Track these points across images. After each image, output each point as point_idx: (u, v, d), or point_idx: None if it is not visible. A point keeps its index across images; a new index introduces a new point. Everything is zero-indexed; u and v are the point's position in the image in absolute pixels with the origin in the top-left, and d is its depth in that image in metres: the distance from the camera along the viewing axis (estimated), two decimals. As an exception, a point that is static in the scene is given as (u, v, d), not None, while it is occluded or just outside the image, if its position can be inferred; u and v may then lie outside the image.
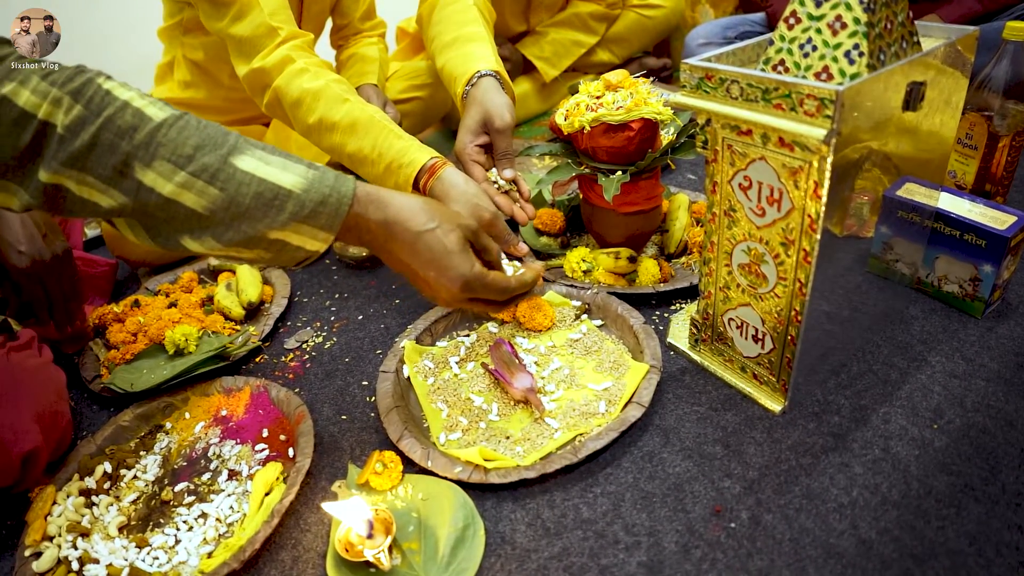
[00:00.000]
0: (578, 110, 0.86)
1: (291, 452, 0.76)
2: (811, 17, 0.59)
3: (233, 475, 0.75)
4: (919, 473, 0.64)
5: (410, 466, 0.70)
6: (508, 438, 0.71)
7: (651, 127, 0.84)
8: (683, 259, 0.98)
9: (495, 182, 0.92)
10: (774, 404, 0.71)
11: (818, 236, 0.58)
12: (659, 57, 1.84)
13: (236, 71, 1.04)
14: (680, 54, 1.80)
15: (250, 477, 0.74)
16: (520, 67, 1.64)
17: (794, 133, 0.53)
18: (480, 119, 0.92)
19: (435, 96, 1.43)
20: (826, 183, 0.55)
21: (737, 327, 0.72)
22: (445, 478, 0.67)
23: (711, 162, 0.64)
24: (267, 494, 0.71)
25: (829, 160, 0.54)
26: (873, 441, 0.68)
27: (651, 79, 0.88)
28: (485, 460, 0.67)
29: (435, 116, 1.51)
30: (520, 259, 0.91)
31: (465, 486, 0.67)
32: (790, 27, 0.61)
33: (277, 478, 0.72)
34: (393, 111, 1.13)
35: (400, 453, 0.71)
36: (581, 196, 0.97)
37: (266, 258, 0.62)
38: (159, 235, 0.61)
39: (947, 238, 0.82)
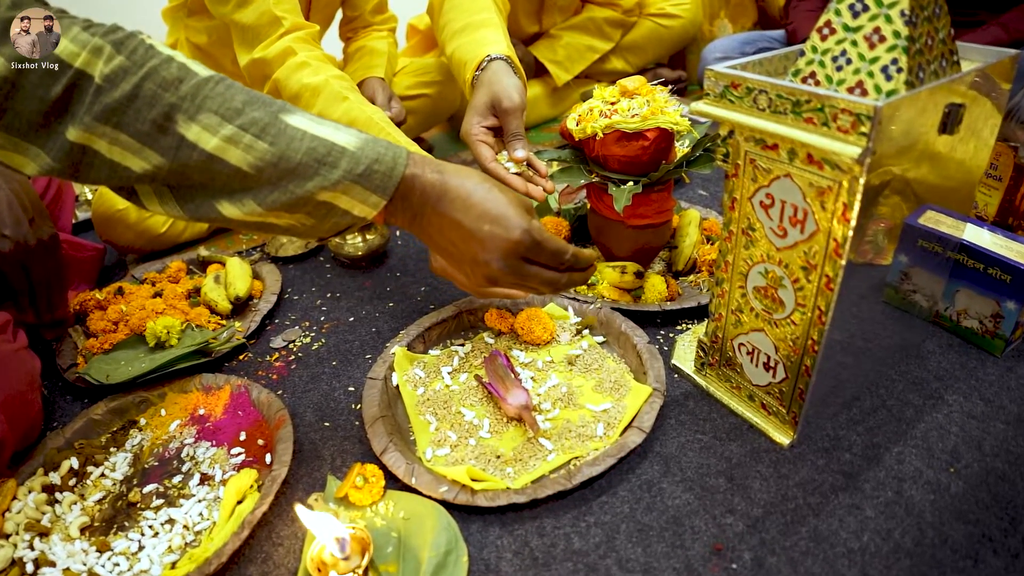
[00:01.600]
0: (591, 115, 0.82)
1: (268, 458, 0.72)
2: (847, 28, 0.55)
3: (205, 479, 0.71)
4: (934, 520, 0.60)
5: (393, 481, 0.66)
6: (498, 457, 0.67)
7: (667, 137, 0.80)
8: (691, 277, 0.94)
9: (507, 166, 0.86)
10: (782, 437, 0.67)
11: (843, 262, 0.54)
12: (674, 69, 1.81)
13: (238, 59, 1.01)
14: (696, 67, 1.76)
15: (223, 483, 0.70)
16: (532, 69, 1.61)
17: (825, 150, 0.50)
18: (488, 100, 0.87)
19: (443, 94, 1.39)
20: (856, 206, 0.51)
21: (748, 353, 0.68)
22: (429, 497, 0.63)
23: (731, 176, 0.60)
24: (240, 502, 0.67)
25: (862, 181, 0.50)
26: (886, 482, 0.64)
27: (669, 87, 0.84)
28: (473, 480, 0.63)
29: (442, 115, 1.48)
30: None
31: (450, 507, 0.62)
32: (823, 38, 0.57)
33: (251, 486, 0.68)
34: (398, 107, 1.09)
35: (383, 467, 0.67)
36: (589, 206, 0.93)
37: (307, 224, 0.59)
38: (191, 200, 0.57)
39: (970, 271, 0.78)
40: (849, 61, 0.56)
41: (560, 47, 1.59)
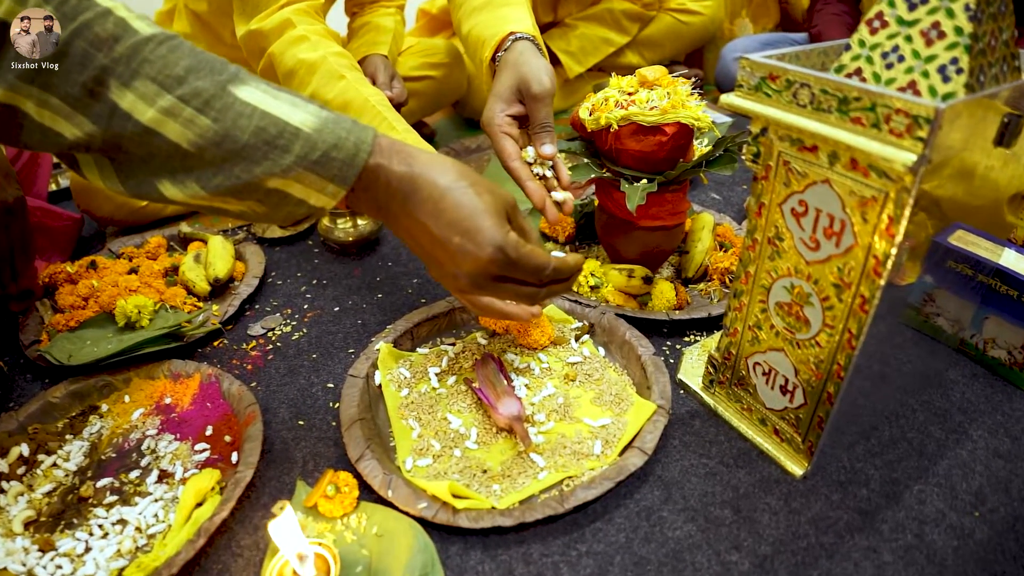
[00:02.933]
0: (606, 106, 0.76)
1: (235, 457, 0.66)
2: (901, 22, 0.50)
3: (164, 477, 0.65)
4: (957, 569, 0.55)
5: (367, 492, 0.60)
6: (485, 472, 0.61)
7: (686, 133, 0.74)
8: (701, 285, 0.88)
9: (530, 162, 0.78)
10: (795, 467, 0.62)
11: (882, 282, 0.48)
12: (690, 67, 1.75)
13: (236, 30, 0.94)
14: (713, 66, 1.70)
15: (183, 482, 0.64)
16: (555, 89, 1.54)
17: (874, 155, 0.44)
18: (514, 84, 0.78)
19: (450, 77, 1.33)
20: (904, 220, 0.45)
21: (763, 374, 0.62)
22: (406, 513, 0.57)
23: (760, 179, 0.54)
24: (199, 505, 0.61)
25: (914, 192, 0.44)
26: (906, 524, 0.58)
27: (692, 80, 0.78)
28: (455, 497, 0.57)
29: (447, 100, 1.41)
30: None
31: (428, 525, 0.57)
32: (873, 31, 0.51)
33: (213, 488, 0.62)
34: (400, 87, 1.02)
35: (358, 476, 0.61)
36: (597, 202, 0.88)
37: (259, 212, 0.52)
38: (131, 177, 0.51)
39: (1002, 298, 0.72)
40: (901, 58, 0.50)
41: (574, 37, 1.53)
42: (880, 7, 0.51)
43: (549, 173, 0.78)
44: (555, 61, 1.55)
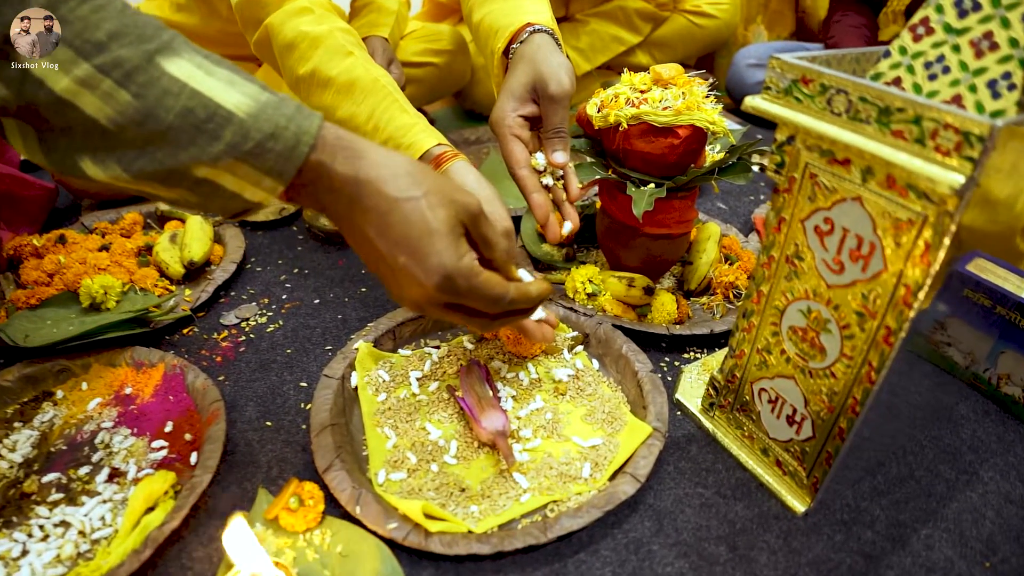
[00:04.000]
0: (616, 103, 0.71)
1: (194, 458, 0.61)
2: (949, 29, 0.45)
3: (116, 476, 0.60)
4: (967, 625, 0.51)
5: (334, 506, 0.56)
6: (463, 491, 0.56)
7: (700, 137, 0.69)
8: (704, 299, 0.83)
9: (539, 171, 0.73)
10: (797, 503, 0.57)
11: (911, 314, 0.44)
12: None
13: None
14: (725, 72, 1.65)
15: (135, 482, 0.59)
16: (575, 90, 1.48)
17: (917, 173, 0.39)
18: (529, 81, 0.71)
19: (453, 66, 1.28)
20: (944, 247, 0.41)
21: (770, 401, 0.58)
22: (374, 533, 0.52)
23: (782, 192, 0.50)
24: (151, 510, 0.56)
25: (957, 217, 0.39)
26: (912, 572, 0.54)
27: (710, 80, 0.73)
28: (428, 518, 0.52)
29: (448, 89, 1.36)
30: None
31: (397, 548, 0.52)
32: (917, 39, 0.47)
33: (166, 492, 0.57)
34: (398, 71, 0.97)
35: (324, 487, 0.56)
36: (599, 205, 0.83)
37: (192, 202, 0.47)
38: (54, 150, 0.45)
39: (1022, 333, 0.68)
40: (947, 70, 0.45)
41: (584, 34, 1.48)
42: (926, 12, 0.46)
43: (557, 182, 0.73)
44: (562, 56, 1.50)
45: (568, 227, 0.72)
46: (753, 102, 0.48)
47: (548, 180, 0.73)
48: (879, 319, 0.46)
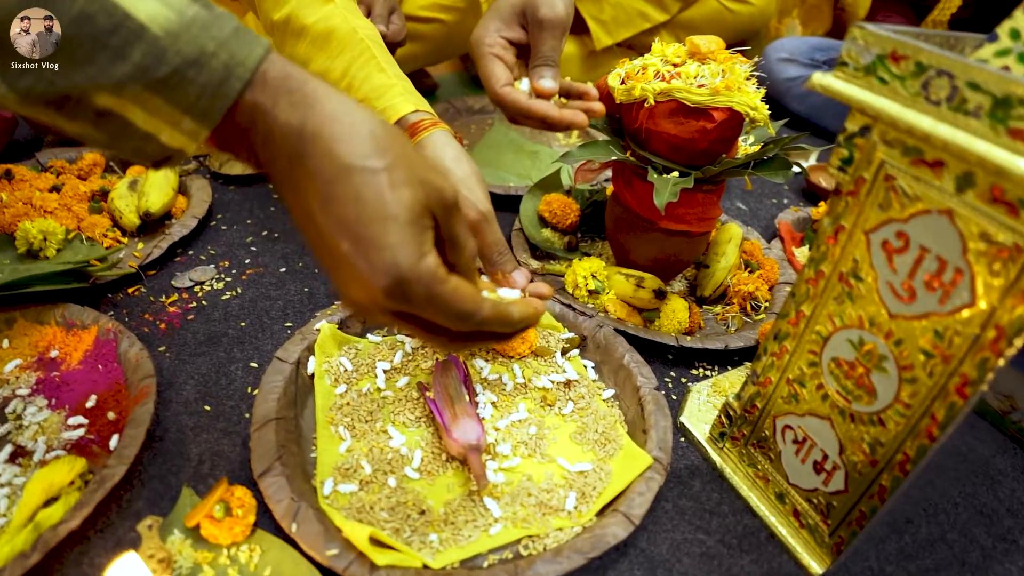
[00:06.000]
0: (644, 75, 0.61)
1: (114, 442, 0.52)
2: (1082, 8, 0.36)
3: (20, 455, 0.51)
4: None
5: (267, 519, 0.47)
6: (422, 514, 0.47)
7: (736, 123, 0.60)
8: (718, 308, 0.74)
9: (529, 95, 0.63)
10: (815, 563, 0.49)
11: (1000, 363, 0.35)
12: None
13: None
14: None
15: (42, 464, 0.50)
16: (571, 21, 1.38)
17: (1043, 185, 0.30)
18: (519, 3, 0.62)
19: (462, 25, 1.17)
20: (1062, 285, 0.32)
21: (795, 441, 0.49)
22: (310, 559, 0.44)
23: (846, 194, 0.40)
24: (53, 500, 0.47)
25: (1089, 248, 0.30)
26: (942, 657, 0.46)
27: (754, 60, 0.63)
28: (375, 545, 0.43)
29: (455, 50, 1.25)
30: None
31: (336, 579, 0.43)
32: (1036, 17, 0.37)
33: (72, 482, 0.48)
34: (399, 24, 0.87)
35: (258, 495, 0.47)
36: (611, 190, 0.73)
37: (99, 140, 0.36)
38: None
39: (1077, 380, 0.59)
40: (1075, 59, 0.36)
41: (609, 6, 1.37)
42: (1052, -15, 0.37)
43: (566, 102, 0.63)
44: (583, 28, 1.40)
45: (598, 106, 0.62)
46: (824, 80, 0.39)
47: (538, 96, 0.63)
48: (954, 364, 0.37)
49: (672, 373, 0.66)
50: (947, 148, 0.34)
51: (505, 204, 0.86)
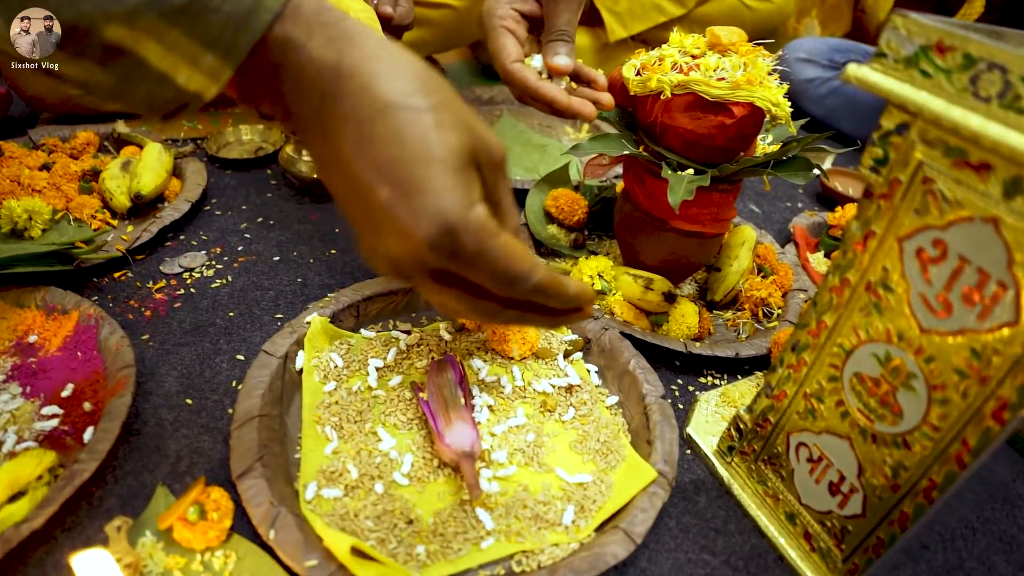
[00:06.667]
0: (660, 66, 0.58)
1: (89, 434, 0.49)
2: None
3: (-13, 445, 0.48)
4: None
5: (245, 524, 0.44)
6: (410, 523, 0.45)
7: (757, 120, 0.57)
8: (728, 314, 0.71)
9: (541, 72, 0.60)
10: (825, 589, 0.46)
11: (1045, 387, 0.32)
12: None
13: None
14: (769, 63, 1.51)
15: (11, 456, 0.48)
16: (585, 10, 1.34)
17: (1108, 193, 0.27)
18: None
19: (473, 11, 1.13)
20: (1122, 305, 0.28)
21: (809, 460, 0.46)
22: (287, 569, 0.41)
23: (878, 197, 0.37)
24: (20, 495, 0.45)
25: None
26: None
27: (778, 54, 0.60)
28: (357, 557, 0.41)
29: (465, 38, 1.22)
30: None
31: (314, 592, 0.40)
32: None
33: (41, 476, 0.45)
34: (407, 6, 0.83)
35: (236, 497, 0.44)
36: (621, 187, 0.70)
37: (104, 84, 0.33)
38: None
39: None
40: None
41: (624, -2, 1.34)
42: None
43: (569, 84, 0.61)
44: (597, 19, 1.36)
45: (607, 97, 0.60)
46: (859, 72, 0.36)
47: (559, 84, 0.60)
48: (991, 386, 0.34)
49: (679, 380, 0.63)
50: (996, 150, 0.30)
51: (510, 198, 0.83)
